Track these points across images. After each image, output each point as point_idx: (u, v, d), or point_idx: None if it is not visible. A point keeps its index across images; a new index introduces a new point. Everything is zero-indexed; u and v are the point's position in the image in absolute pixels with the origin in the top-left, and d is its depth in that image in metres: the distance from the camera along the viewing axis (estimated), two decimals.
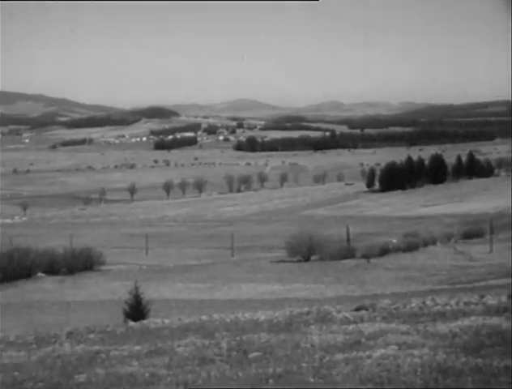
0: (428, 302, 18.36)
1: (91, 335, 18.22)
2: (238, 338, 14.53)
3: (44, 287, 71.90)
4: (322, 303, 28.23)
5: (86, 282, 73.04)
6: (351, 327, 14.69)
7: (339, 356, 11.21)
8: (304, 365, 10.90)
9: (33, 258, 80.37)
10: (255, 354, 12.40)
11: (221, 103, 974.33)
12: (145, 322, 20.74)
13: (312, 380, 9.90)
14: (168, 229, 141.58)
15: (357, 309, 18.00)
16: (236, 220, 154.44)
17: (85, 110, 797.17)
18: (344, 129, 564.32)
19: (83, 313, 41.11)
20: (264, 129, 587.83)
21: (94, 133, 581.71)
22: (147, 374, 11.62)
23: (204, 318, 19.90)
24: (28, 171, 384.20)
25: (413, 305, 18.06)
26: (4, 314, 49.06)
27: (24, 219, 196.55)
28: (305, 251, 76.60)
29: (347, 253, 75.15)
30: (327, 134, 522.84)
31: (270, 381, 10.20)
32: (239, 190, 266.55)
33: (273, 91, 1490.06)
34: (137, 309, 24.27)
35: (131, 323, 20.41)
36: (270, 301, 43.95)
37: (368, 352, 11.25)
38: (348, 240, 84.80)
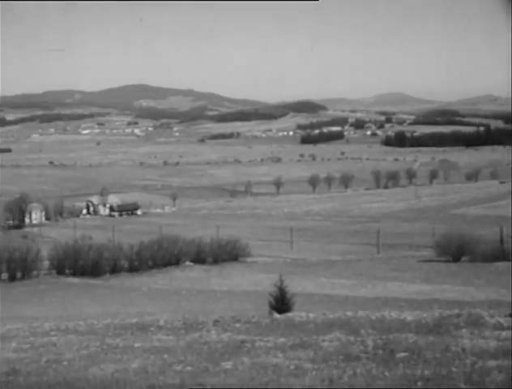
0: None
1: (237, 325, 18.50)
2: (384, 337, 14.16)
3: (192, 275, 74.68)
4: (473, 306, 26.92)
5: (231, 272, 74.96)
6: (504, 333, 13.84)
7: (492, 363, 10.55)
8: (454, 369, 10.38)
9: (181, 247, 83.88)
10: (402, 354, 12.01)
11: (369, 97, 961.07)
12: (290, 315, 20.72)
13: (463, 386, 9.40)
14: (312, 224, 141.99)
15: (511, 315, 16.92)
16: (382, 217, 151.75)
17: (233, 104, 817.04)
18: (500, 124, 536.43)
19: (228, 302, 42.17)
20: (413, 123, 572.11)
21: (241, 127, 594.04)
22: (291, 367, 11.59)
23: (349, 314, 19.55)
24: (178, 163, 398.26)
25: None
26: (154, 299, 51.50)
27: (173, 209, 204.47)
28: (455, 251, 73.89)
29: (500, 255, 71.36)
30: (481, 129, 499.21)
31: (419, 383, 9.82)
32: (386, 186, 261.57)
33: (422, 84, 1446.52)
34: (282, 302, 24.35)
35: (276, 315, 20.47)
36: (417, 300, 42.79)
37: None
38: (502, 241, 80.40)
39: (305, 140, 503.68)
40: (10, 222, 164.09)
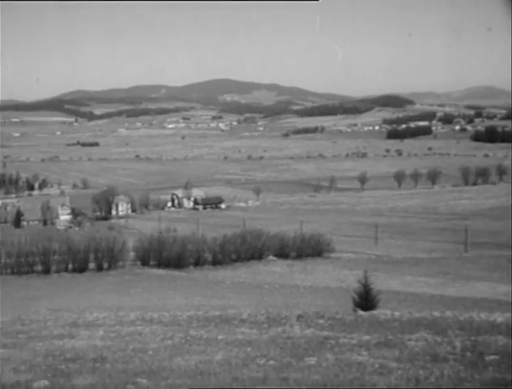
0: None
1: (321, 321, 18.37)
2: (473, 338, 13.74)
3: (275, 269, 74.83)
4: None
5: (314, 268, 74.68)
6: None
7: None
8: None
9: (264, 241, 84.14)
10: (492, 357, 11.57)
11: (458, 91, 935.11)
12: (374, 312, 20.47)
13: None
14: (398, 220, 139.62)
15: None
16: (470, 214, 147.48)
17: (317, 99, 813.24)
18: None
19: (311, 297, 41.99)
20: (505, 118, 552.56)
21: (326, 121, 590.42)
22: (376, 365, 11.37)
23: (436, 314, 19.10)
24: (262, 157, 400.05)
25: None
26: (236, 292, 51.91)
27: (257, 203, 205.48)
28: None
29: None
30: None
31: (510, 388, 9.46)
32: (475, 183, 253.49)
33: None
34: (366, 299, 24.06)
35: (360, 312, 20.25)
36: (508, 302, 41.26)
37: None
38: None
39: (391, 135, 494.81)
40: (98, 213, 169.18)
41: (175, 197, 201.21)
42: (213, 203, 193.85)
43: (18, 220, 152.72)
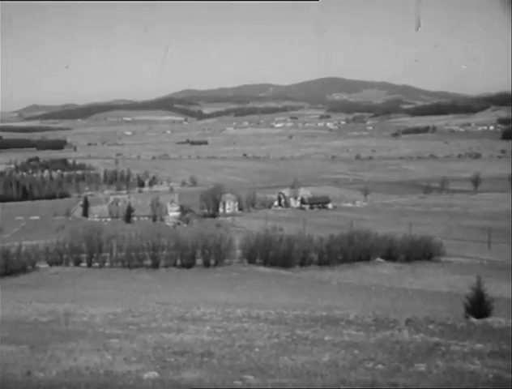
0: None
1: (431, 326, 17.85)
2: None
3: (382, 272, 73.58)
4: None
5: (424, 271, 72.83)
6: None
7: None
8: None
9: (372, 243, 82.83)
10: None
11: None
12: (488, 320, 19.60)
13: None
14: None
15: None
16: None
17: (429, 97, 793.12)
18: None
19: (420, 302, 40.89)
20: None
21: (437, 121, 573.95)
22: (490, 375, 10.84)
23: None
24: (370, 157, 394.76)
25: None
26: (343, 293, 51.44)
27: (365, 204, 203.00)
28: None
29: None
30: None
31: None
32: None
33: None
34: (479, 306, 23.07)
35: (473, 319, 19.46)
36: None
37: None
38: None
39: (508, 135, 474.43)
40: (205, 211, 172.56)
41: (282, 196, 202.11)
42: (320, 202, 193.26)
43: (128, 215, 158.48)
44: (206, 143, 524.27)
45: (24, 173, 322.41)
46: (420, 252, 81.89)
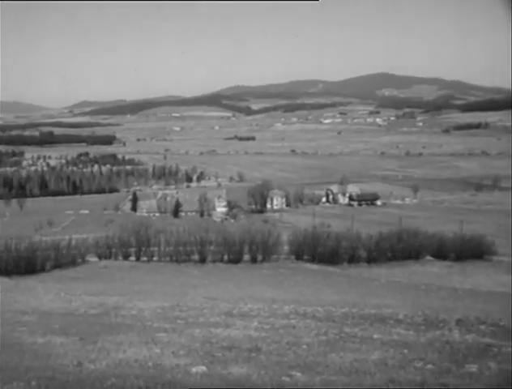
0: None
1: (482, 327, 17.47)
2: None
3: (432, 270, 72.52)
4: None
5: (474, 270, 71.54)
6: None
7: None
8: None
9: (422, 241, 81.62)
10: None
11: None
12: None
13: None
14: None
15: None
16: None
17: (481, 93, 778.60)
18: None
19: (470, 301, 40.07)
20: None
21: (490, 116, 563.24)
22: None
23: None
24: (420, 154, 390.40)
25: None
26: (391, 291, 50.84)
27: (414, 201, 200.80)
28: None
29: None
30: None
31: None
32: None
33: None
34: None
35: None
36: None
37: None
38: None
39: None
40: (253, 207, 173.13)
41: (330, 192, 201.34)
42: (368, 199, 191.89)
43: (176, 210, 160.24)
44: (253, 138, 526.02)
45: (75, 168, 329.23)
46: (471, 251, 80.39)
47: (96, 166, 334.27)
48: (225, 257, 76.19)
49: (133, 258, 76.45)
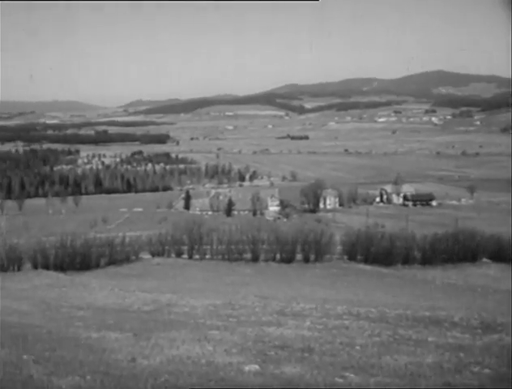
0: None
1: None
2: None
3: (489, 273, 70.85)
4: None
5: None
6: None
7: None
8: None
9: (478, 243, 79.69)
10: None
11: None
12: None
13: None
14: None
15: None
16: None
17: None
18: None
19: None
20: None
21: None
22: None
23: None
24: (477, 154, 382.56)
25: None
26: (447, 294, 49.95)
27: (471, 202, 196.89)
28: None
29: None
30: None
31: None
32: None
33: None
34: None
35: None
36: None
37: None
38: None
39: None
40: (305, 206, 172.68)
41: (384, 192, 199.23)
42: (423, 199, 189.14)
43: (229, 209, 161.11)
44: (307, 137, 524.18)
45: (128, 166, 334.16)
46: None
47: (149, 165, 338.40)
48: (277, 256, 75.91)
49: (185, 255, 77.08)
